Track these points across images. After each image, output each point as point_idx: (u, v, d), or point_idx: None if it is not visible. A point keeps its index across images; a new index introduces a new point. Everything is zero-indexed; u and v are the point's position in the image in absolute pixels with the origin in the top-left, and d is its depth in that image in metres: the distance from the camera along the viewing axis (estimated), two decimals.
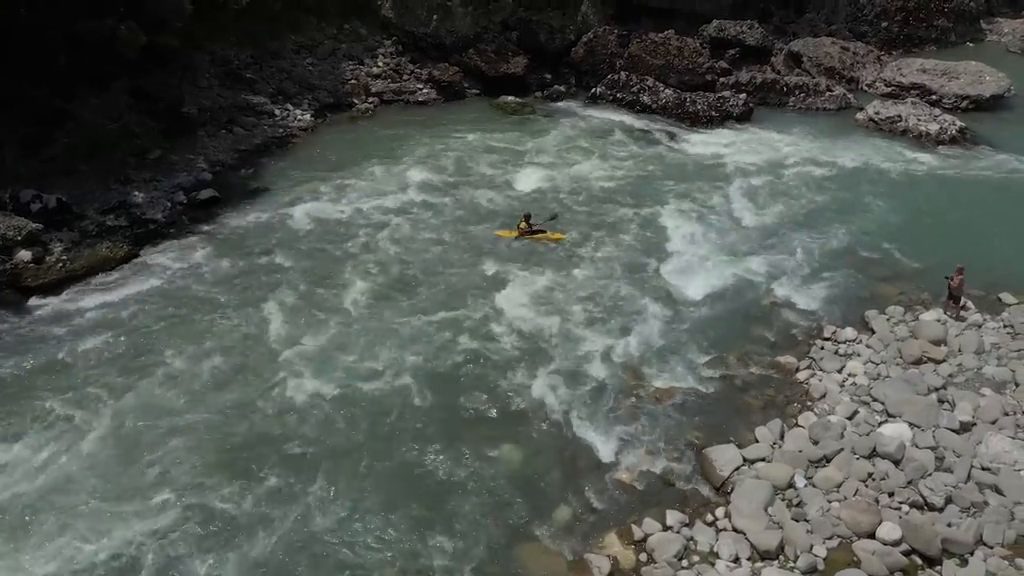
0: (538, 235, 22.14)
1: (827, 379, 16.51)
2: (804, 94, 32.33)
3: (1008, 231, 22.60)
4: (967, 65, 33.73)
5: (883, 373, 16.58)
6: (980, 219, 23.50)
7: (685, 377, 16.80)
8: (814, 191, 25.35)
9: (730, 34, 35.48)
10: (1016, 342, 17.40)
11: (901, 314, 18.81)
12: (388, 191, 24.54)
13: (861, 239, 22.46)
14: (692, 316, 18.98)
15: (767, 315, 19.18)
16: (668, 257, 21.54)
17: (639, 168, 26.80)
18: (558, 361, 17.13)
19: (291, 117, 29.43)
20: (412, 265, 20.57)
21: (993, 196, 25.03)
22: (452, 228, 22.58)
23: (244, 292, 19.19)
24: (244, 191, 24.58)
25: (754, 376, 16.90)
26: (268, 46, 31.72)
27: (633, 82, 31.63)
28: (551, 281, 20.05)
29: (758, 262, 21.36)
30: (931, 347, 17.04)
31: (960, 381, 16.22)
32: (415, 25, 33.21)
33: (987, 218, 23.54)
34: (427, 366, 16.78)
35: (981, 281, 20.16)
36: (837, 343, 17.87)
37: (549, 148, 28.04)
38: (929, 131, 29.17)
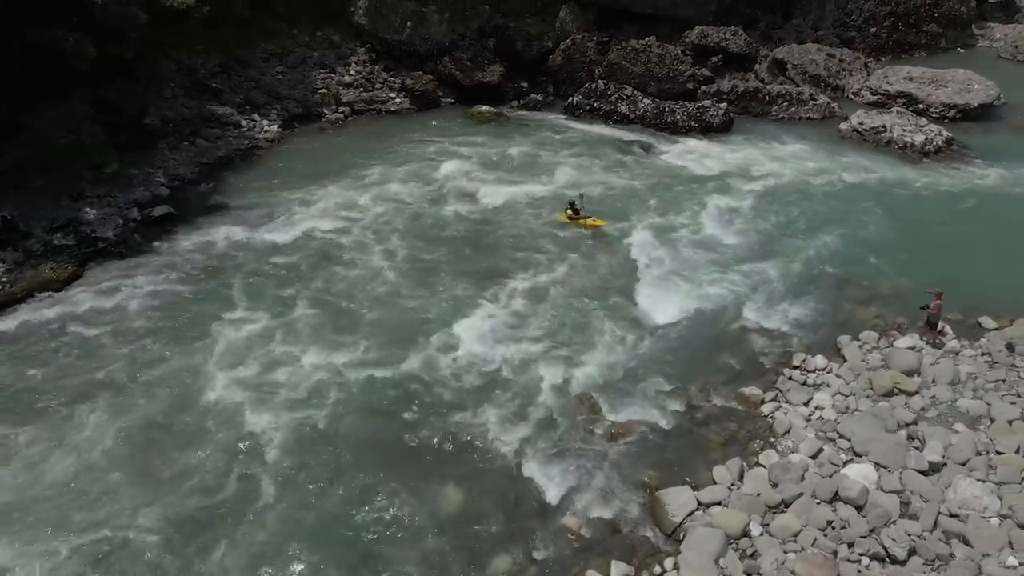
0: (581, 221, 22.76)
1: (793, 413, 15.67)
2: (787, 103, 31.47)
3: (991, 250, 21.73)
4: (955, 73, 32.85)
5: (852, 406, 15.74)
6: (963, 237, 22.62)
7: (644, 410, 15.96)
8: (792, 206, 24.48)
9: (713, 41, 34.62)
10: (993, 371, 16.55)
11: (875, 340, 17.97)
12: (349, 208, 23.73)
13: (839, 258, 21.60)
14: (657, 343, 18.14)
15: (736, 341, 18.34)
16: (637, 278, 20.69)
17: (613, 182, 25.95)
18: (512, 393, 16.30)
19: (257, 128, 28.65)
20: (367, 289, 19.74)
21: (977, 212, 24.13)
22: (412, 248, 21.75)
23: (187, 317, 18.40)
24: (202, 207, 23.80)
25: (717, 409, 16.06)
26: (237, 54, 30.93)
27: (611, 91, 30.80)
28: (512, 306, 19.22)
29: (730, 282, 20.52)
30: (903, 378, 16.17)
31: (932, 416, 15.36)
32: (389, 32, 32.40)
33: (970, 236, 22.66)
34: (373, 399, 15.98)
35: (961, 304, 19.32)
36: (806, 372, 17.02)
37: (521, 161, 27.21)
38: (914, 142, 28.31)
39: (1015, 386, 15.99)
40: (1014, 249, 21.74)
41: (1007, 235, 22.61)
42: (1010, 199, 24.87)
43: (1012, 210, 24.16)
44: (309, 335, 17.85)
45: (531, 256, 21.52)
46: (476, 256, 21.49)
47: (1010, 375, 16.38)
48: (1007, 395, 15.70)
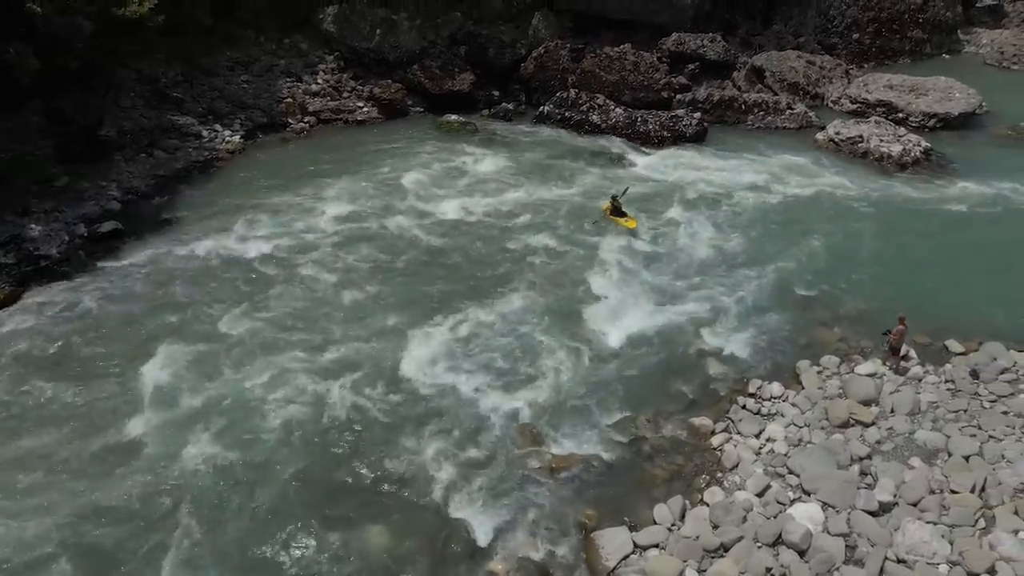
0: (618, 218, 23.03)
1: (743, 445, 14.98)
2: (763, 112, 30.76)
3: (963, 269, 21.05)
4: (936, 81, 32.14)
5: (805, 439, 15.04)
6: (935, 254, 21.93)
7: (588, 442, 15.28)
8: (762, 221, 23.78)
9: (689, 48, 33.91)
10: (956, 400, 15.86)
11: (836, 365, 17.28)
12: (306, 223, 23.04)
13: (805, 276, 20.90)
14: (610, 368, 17.44)
15: (691, 366, 17.65)
16: (596, 298, 19.98)
17: (579, 195, 25.25)
18: (453, 424, 15.61)
19: (219, 139, 27.97)
20: (315, 311, 19.03)
21: (951, 229, 23.42)
22: (367, 267, 21.05)
23: (126, 342, 17.68)
24: (153, 222, 23.11)
25: (665, 441, 15.37)
26: (201, 63, 30.27)
27: (583, 100, 30.11)
28: (463, 329, 18.51)
29: (692, 302, 19.83)
30: (860, 408, 15.49)
31: (888, 449, 14.67)
32: (357, 40, 31.75)
33: (942, 253, 21.97)
34: (308, 431, 15.27)
35: (929, 325, 18.66)
36: (761, 401, 16.33)
37: (487, 172, 26.52)
38: (891, 153, 27.60)
39: (976, 417, 15.30)
40: (987, 267, 21.04)
41: (980, 253, 21.90)
42: (985, 215, 24.15)
43: (987, 226, 23.47)
44: (248, 360, 17.12)
45: (487, 275, 20.83)
46: (431, 275, 20.79)
47: (972, 405, 15.69)
48: (967, 427, 15.01)
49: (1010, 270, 20.99)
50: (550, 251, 22.06)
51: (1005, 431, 14.74)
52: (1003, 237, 22.79)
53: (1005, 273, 20.80)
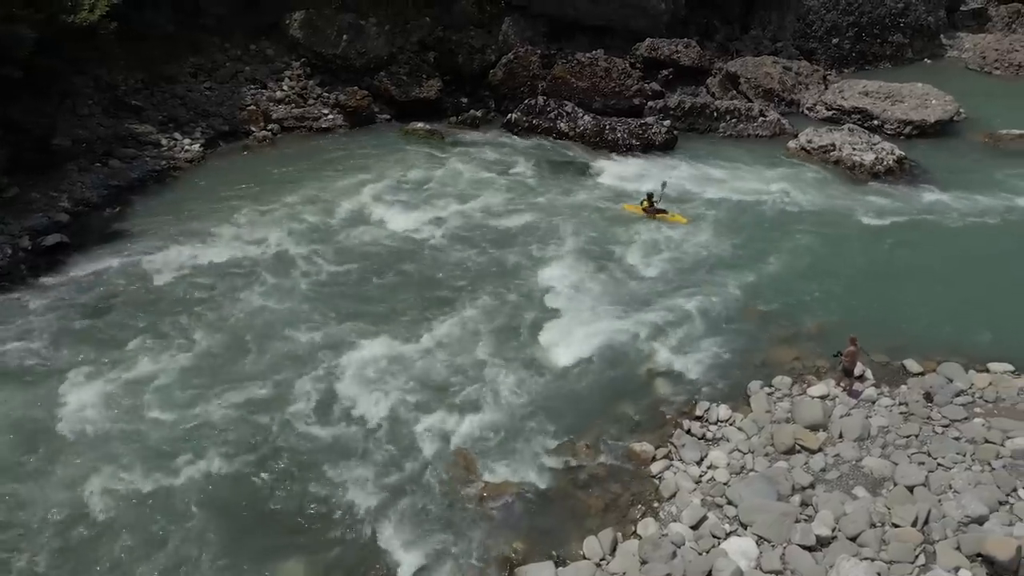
0: (660, 215, 23.30)
1: (683, 473, 14.41)
2: (735, 120, 30.19)
3: (929, 284, 20.47)
4: (912, 88, 31.55)
5: (748, 466, 14.48)
6: (901, 268, 21.38)
7: (524, 469, 14.72)
8: (724, 233, 23.19)
9: (663, 54, 33.33)
10: (908, 425, 15.28)
11: (788, 386, 16.73)
12: (257, 235, 22.46)
13: (765, 291, 20.32)
14: (555, 388, 16.88)
15: (640, 386, 17.08)
16: (549, 314, 19.41)
17: (542, 205, 24.68)
18: (385, 449, 15.06)
19: (178, 148, 27.42)
20: (258, 327, 18.43)
21: (920, 241, 22.81)
22: (317, 281, 20.50)
23: (52, 361, 17.13)
24: (102, 234, 22.58)
25: (603, 468, 14.80)
26: (163, 70, 29.70)
27: (551, 107, 29.56)
28: (407, 347, 17.95)
29: (648, 318, 19.22)
30: (806, 433, 14.92)
31: (833, 478, 14.09)
32: (324, 46, 31.17)
33: (909, 267, 21.41)
34: (234, 455, 14.71)
35: (889, 343, 18.15)
36: (707, 424, 15.77)
37: (448, 182, 25.95)
38: (863, 162, 27.03)
39: (927, 443, 14.73)
40: (955, 282, 20.48)
41: (948, 266, 21.33)
42: (956, 227, 23.55)
43: (957, 239, 22.90)
44: (173, 383, 16.49)
45: (439, 289, 20.29)
46: (381, 290, 20.24)
47: (924, 430, 15.12)
48: (917, 453, 14.45)
49: (978, 284, 20.43)
50: (505, 264, 21.49)
51: (955, 459, 14.17)
52: (973, 250, 22.23)
53: (973, 288, 20.24)
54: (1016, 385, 16.24)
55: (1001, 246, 22.41)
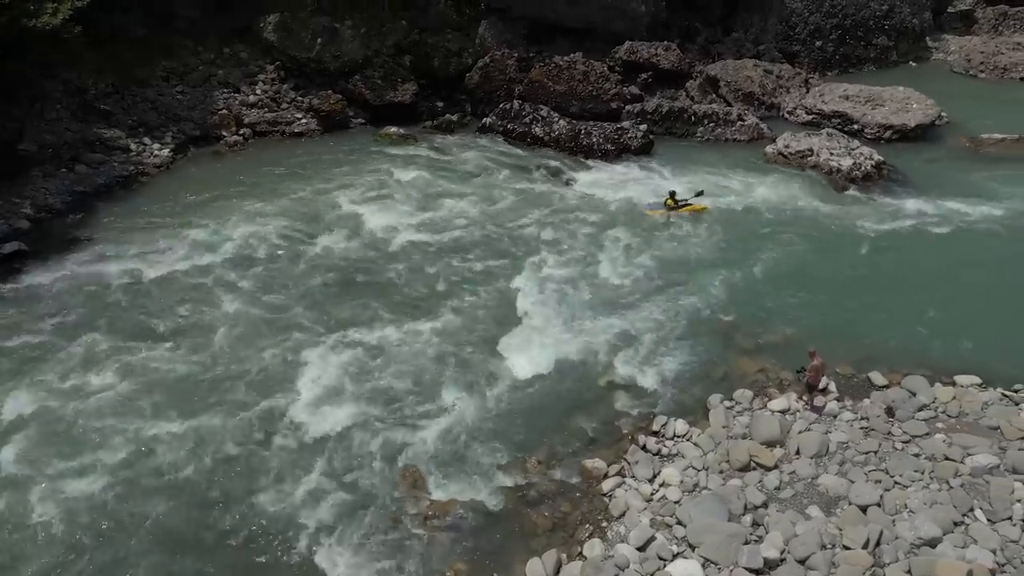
0: (684, 208, 23.98)
1: (634, 491, 14.07)
2: (713, 124, 29.83)
3: (897, 294, 20.11)
4: (894, 91, 31.18)
5: (701, 484, 14.14)
6: (872, 277, 21.01)
7: (473, 485, 14.40)
8: (694, 240, 22.85)
9: (642, 57, 32.96)
10: (868, 440, 14.93)
11: (749, 400, 16.37)
12: (221, 243, 22.09)
13: (733, 301, 19.95)
14: (513, 402, 16.53)
15: (598, 400, 16.72)
16: (511, 325, 19.07)
17: (510, 212, 24.33)
18: (333, 465, 14.72)
19: (147, 152, 27.11)
20: (210, 339, 18.10)
21: (894, 249, 22.44)
22: (278, 289, 20.14)
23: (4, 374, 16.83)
24: (63, 242, 22.23)
25: (553, 485, 14.47)
26: (134, 74, 29.35)
27: (526, 111, 29.21)
28: (362, 357, 17.61)
29: (611, 329, 18.89)
30: (762, 450, 14.57)
31: (787, 496, 13.76)
32: (298, 49, 30.82)
33: (880, 276, 21.04)
34: (171, 472, 14.42)
35: (855, 355, 17.83)
36: (662, 440, 15.42)
37: (419, 187, 25.59)
38: (841, 167, 26.66)
39: (886, 459, 14.40)
40: (924, 292, 20.09)
41: (920, 276, 20.97)
42: (930, 235, 23.16)
43: (930, 248, 22.51)
44: (127, 391, 16.26)
45: (403, 298, 19.97)
46: (343, 298, 19.89)
47: (884, 446, 14.78)
48: (874, 471, 14.10)
49: (950, 294, 20.06)
50: (471, 272, 21.17)
51: (913, 477, 13.83)
52: (946, 259, 21.86)
53: (944, 297, 19.87)
54: (981, 399, 15.89)
55: (975, 254, 22.04)
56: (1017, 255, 21.96)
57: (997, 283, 20.56)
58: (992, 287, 20.38)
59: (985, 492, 13.33)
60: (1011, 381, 16.70)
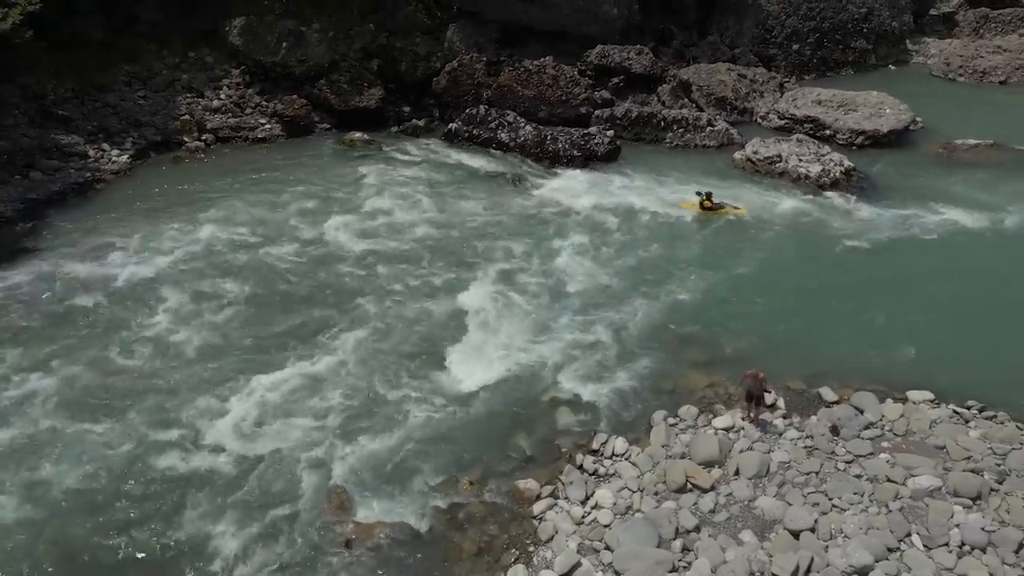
0: (719, 210, 23.82)
1: (564, 514, 13.66)
2: (683, 129, 29.40)
3: (856, 305, 19.73)
4: (867, 96, 30.75)
5: (635, 506, 13.72)
6: (831, 288, 20.59)
7: (401, 507, 13.99)
8: (655, 250, 22.42)
9: (614, 61, 32.53)
10: (810, 460, 14.51)
11: (694, 417, 15.95)
12: (170, 252, 21.63)
13: (688, 313, 19.56)
14: (451, 419, 16.13)
15: (540, 416, 16.32)
16: (459, 337, 18.67)
17: (470, 220, 23.90)
18: (258, 486, 14.30)
19: (105, 159, 26.66)
20: (144, 351, 17.69)
21: (857, 258, 22.06)
22: (223, 301, 19.68)
23: None
24: (11, 250, 21.74)
25: (484, 507, 14.05)
26: (95, 78, 28.92)
27: (492, 117, 28.79)
28: (300, 372, 17.16)
29: (562, 340, 18.52)
30: (698, 471, 14.16)
31: (721, 520, 13.34)
32: (263, 53, 30.40)
33: (840, 287, 20.63)
34: (87, 491, 13.99)
35: (808, 369, 17.45)
36: (601, 459, 15.01)
37: (377, 195, 25.15)
38: (809, 174, 26.25)
39: (827, 480, 13.98)
40: (883, 304, 19.72)
41: (880, 287, 20.60)
42: (895, 244, 22.76)
43: (894, 258, 22.11)
44: (46, 403, 15.88)
45: (350, 310, 19.50)
46: (290, 311, 19.42)
47: (826, 466, 14.36)
48: (814, 493, 13.68)
49: (909, 306, 19.69)
50: (423, 283, 20.74)
51: (852, 499, 13.42)
52: (908, 269, 21.47)
53: (904, 309, 19.51)
54: (930, 417, 15.48)
55: (939, 265, 21.67)
56: (982, 266, 21.59)
57: (959, 294, 20.15)
58: (954, 298, 19.98)
59: (924, 516, 12.93)
60: (965, 397, 16.34)
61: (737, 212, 24.07)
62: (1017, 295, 20.07)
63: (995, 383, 16.68)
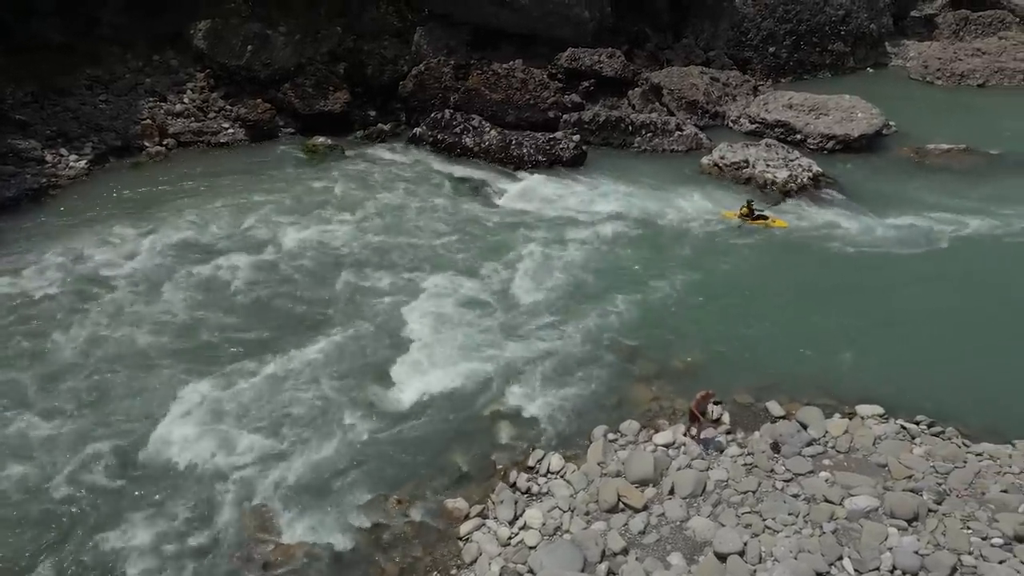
0: (760, 221, 23.25)
1: (491, 535, 13.29)
2: (651, 134, 29.03)
3: (813, 316, 19.39)
4: (839, 100, 30.39)
5: (564, 526, 13.35)
6: (788, 299, 20.24)
7: (326, 527, 13.63)
8: (614, 259, 22.04)
9: (584, 64, 32.17)
10: (749, 479, 14.13)
11: (635, 432, 15.59)
12: (119, 260, 21.29)
13: (642, 323, 19.17)
14: (388, 434, 15.75)
15: (480, 432, 15.95)
16: (404, 349, 18.29)
17: (427, 227, 23.55)
18: (181, 504, 13.93)
19: (62, 164, 26.31)
20: (81, 361, 17.33)
21: (814, 269, 21.69)
22: (163, 311, 19.30)
23: None
24: None
25: (411, 527, 13.70)
26: (55, 82, 28.57)
27: (457, 121, 28.42)
28: (238, 385, 16.76)
29: (509, 352, 18.14)
30: (630, 490, 13.78)
31: (650, 542, 12.96)
32: (228, 57, 30.06)
33: (796, 298, 20.28)
34: (26, 508, 13.62)
35: (758, 382, 17.10)
36: (535, 476, 14.64)
37: (335, 202, 24.79)
38: (776, 179, 25.89)
39: (763, 500, 13.59)
40: (841, 315, 19.40)
41: (839, 297, 20.27)
42: (856, 253, 22.42)
43: (855, 267, 21.79)
44: None
45: (298, 319, 19.16)
46: (234, 320, 19.07)
47: (764, 485, 13.97)
48: (748, 514, 13.29)
49: (867, 317, 19.35)
50: (374, 293, 20.37)
51: (786, 520, 13.03)
52: (869, 279, 21.14)
53: (861, 320, 19.19)
54: (874, 433, 15.10)
55: (899, 274, 21.31)
56: (943, 275, 21.21)
57: (919, 304, 19.80)
58: (913, 308, 19.63)
59: (858, 539, 12.55)
60: (916, 411, 15.98)
61: (777, 225, 23.36)
62: (977, 305, 19.72)
63: (947, 397, 16.33)
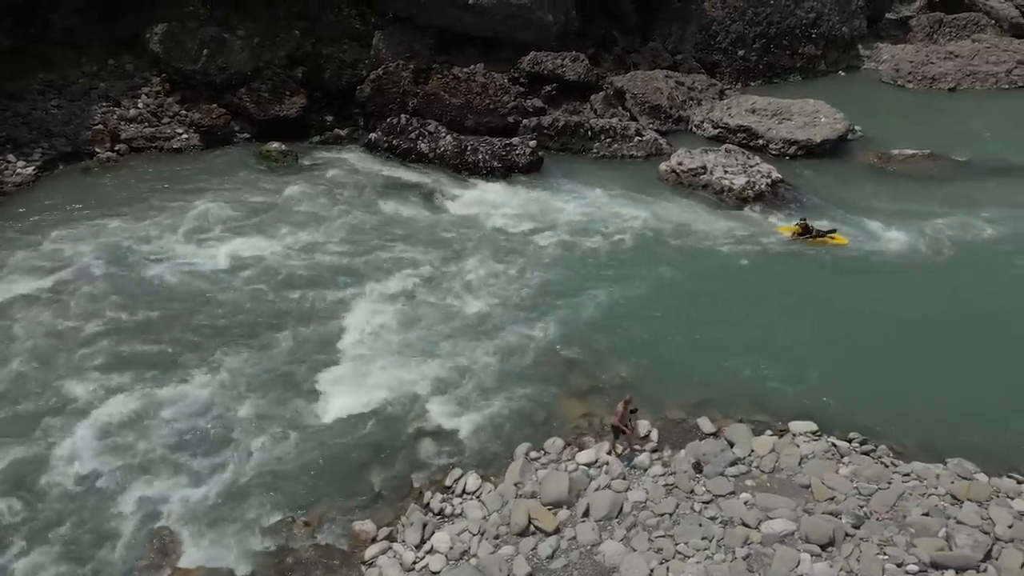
0: (819, 239, 22.59)
1: (396, 559, 12.91)
2: (610, 139, 28.59)
3: (754, 328, 18.94)
4: (803, 104, 29.97)
5: (472, 551, 12.96)
6: (730, 311, 19.70)
7: (228, 551, 13.27)
8: (560, 269, 21.52)
9: (547, 68, 31.72)
10: (668, 500, 13.73)
11: (559, 450, 15.21)
12: (52, 271, 20.79)
13: (579, 335, 18.74)
14: (305, 452, 15.36)
15: (400, 449, 15.57)
16: (335, 360, 17.93)
17: (373, 236, 23.06)
18: (80, 527, 13.59)
19: (9, 171, 25.86)
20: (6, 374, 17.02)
21: (760, 281, 21.14)
22: (88, 324, 18.76)
23: None
24: None
25: (315, 551, 13.31)
26: (5, 87, 28.11)
27: (412, 127, 28.00)
28: (154, 401, 16.33)
29: (442, 367, 17.74)
30: (542, 512, 13.38)
31: (557, 567, 12.56)
32: (183, 61, 29.59)
33: (739, 310, 19.76)
34: None
35: (691, 397, 16.68)
36: (450, 497, 14.25)
37: (282, 209, 24.34)
38: (732, 186, 25.44)
39: (680, 522, 13.19)
40: (783, 328, 19.04)
41: (783, 309, 19.88)
42: (807, 263, 21.93)
43: (802, 279, 21.30)
44: None
45: (225, 333, 18.66)
46: (161, 330, 18.63)
47: (682, 507, 13.57)
48: (661, 537, 12.89)
49: (809, 330, 18.94)
50: (310, 303, 19.93)
51: (699, 545, 12.63)
52: (816, 291, 20.75)
53: (802, 334, 18.77)
54: (801, 452, 14.69)
55: (845, 286, 20.88)
56: (890, 287, 20.76)
57: (863, 318, 19.35)
58: (856, 322, 19.18)
59: (769, 564, 12.14)
60: (850, 427, 15.61)
61: (836, 242, 22.61)
62: (925, 315, 19.31)
63: (885, 412, 15.98)
